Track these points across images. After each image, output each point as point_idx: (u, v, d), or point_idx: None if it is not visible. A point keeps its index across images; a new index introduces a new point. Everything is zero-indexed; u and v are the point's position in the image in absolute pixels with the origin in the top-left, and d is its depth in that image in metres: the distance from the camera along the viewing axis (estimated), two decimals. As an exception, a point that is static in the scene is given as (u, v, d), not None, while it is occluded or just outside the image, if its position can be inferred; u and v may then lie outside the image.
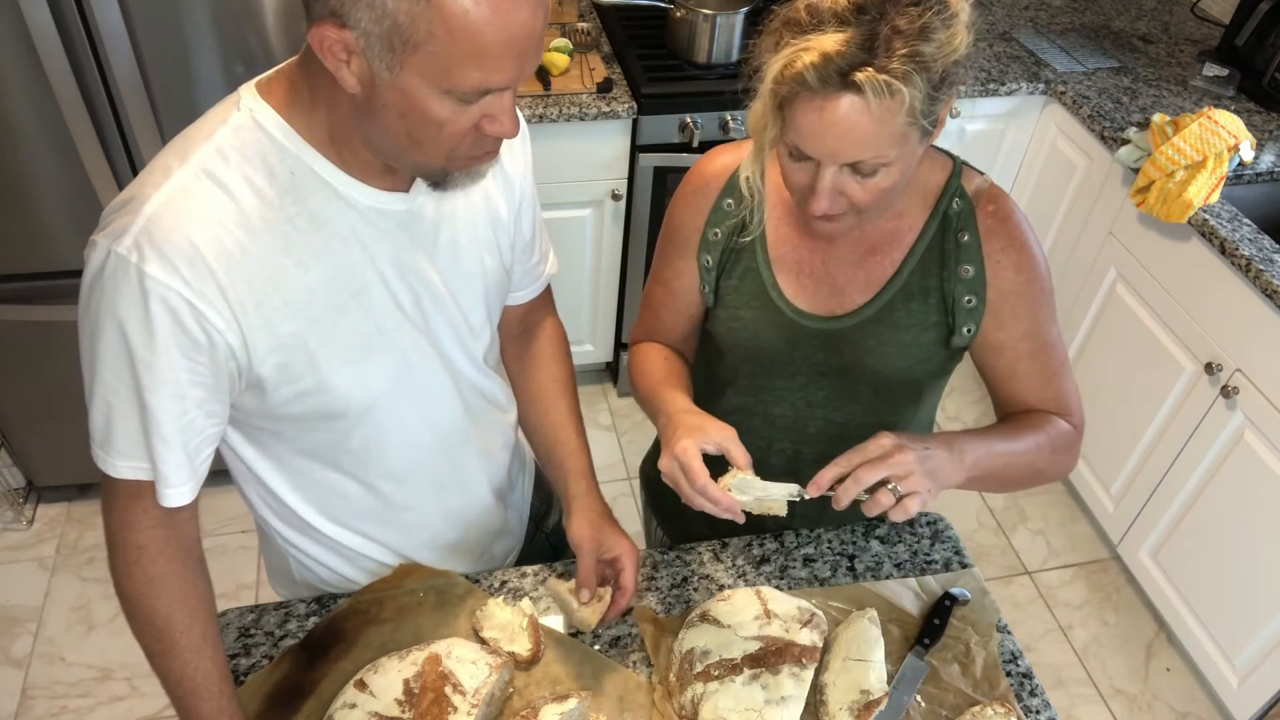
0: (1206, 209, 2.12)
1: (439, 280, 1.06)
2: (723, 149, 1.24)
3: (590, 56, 2.44)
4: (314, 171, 0.94)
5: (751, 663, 1.11)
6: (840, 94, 0.93)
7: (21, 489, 2.57)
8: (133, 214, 0.88)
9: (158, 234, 0.87)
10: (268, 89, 0.94)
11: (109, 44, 1.82)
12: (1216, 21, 2.88)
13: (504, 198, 1.12)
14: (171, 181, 0.89)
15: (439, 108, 0.84)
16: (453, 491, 1.24)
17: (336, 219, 0.96)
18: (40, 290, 2.15)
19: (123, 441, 0.95)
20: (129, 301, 0.88)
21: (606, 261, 2.66)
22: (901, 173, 1.02)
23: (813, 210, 1.04)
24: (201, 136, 0.92)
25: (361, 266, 0.99)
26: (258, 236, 0.92)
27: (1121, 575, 2.62)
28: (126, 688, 2.22)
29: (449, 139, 0.88)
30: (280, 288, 0.94)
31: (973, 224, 1.16)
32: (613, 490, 2.73)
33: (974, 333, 1.19)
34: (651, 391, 1.24)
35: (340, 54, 0.82)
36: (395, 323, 1.04)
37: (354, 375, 1.02)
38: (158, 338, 0.90)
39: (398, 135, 0.87)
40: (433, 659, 1.09)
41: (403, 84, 0.82)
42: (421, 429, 1.14)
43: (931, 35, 0.93)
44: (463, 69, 0.81)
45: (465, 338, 1.14)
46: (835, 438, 1.30)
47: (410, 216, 1.01)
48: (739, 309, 1.23)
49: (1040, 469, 1.20)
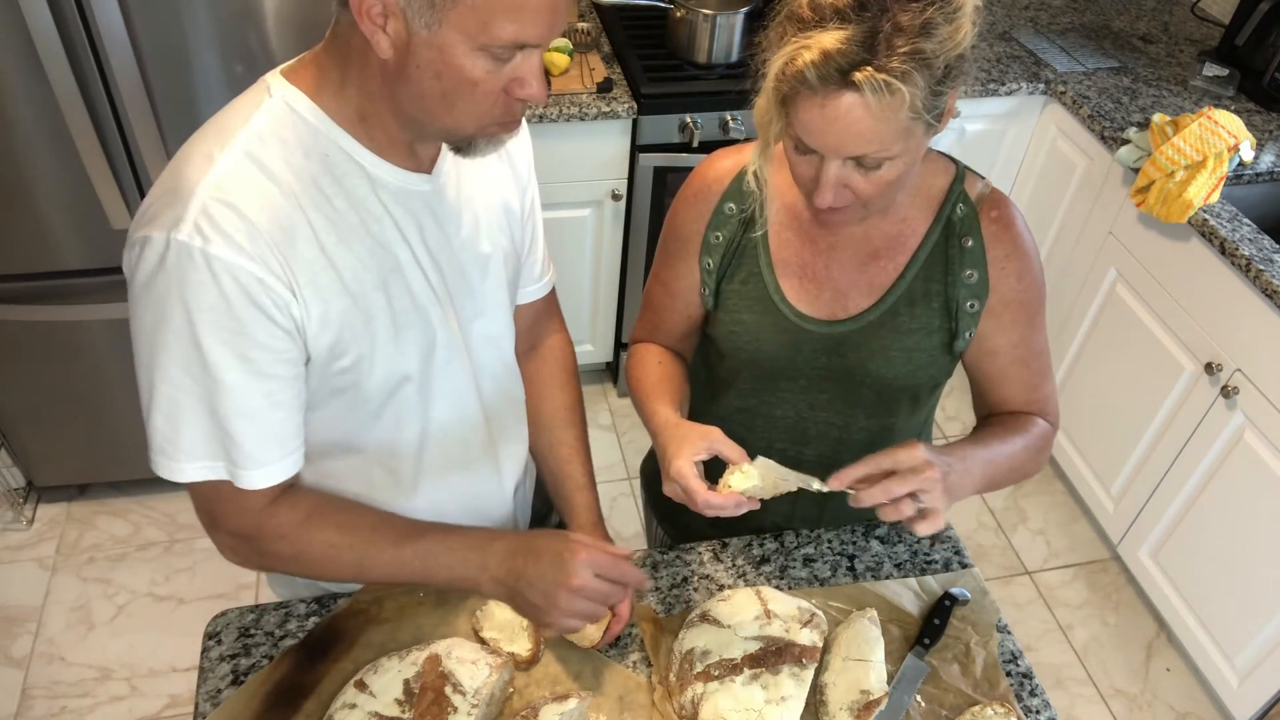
0: (1206, 209, 2.12)
1: (462, 260, 1.09)
2: (724, 153, 1.25)
3: (590, 56, 2.44)
4: (346, 153, 0.96)
5: (751, 663, 1.11)
6: (840, 92, 0.93)
7: (21, 489, 2.57)
8: (184, 201, 0.88)
9: (217, 215, 0.88)
10: (294, 75, 0.95)
11: (109, 44, 1.82)
12: (1216, 21, 2.88)
13: (514, 188, 1.16)
14: (217, 166, 0.90)
15: (473, 66, 0.86)
16: (469, 478, 1.25)
17: (370, 199, 0.98)
18: (40, 290, 2.15)
19: (191, 440, 0.95)
20: (198, 286, 0.88)
21: (606, 261, 2.66)
22: (907, 165, 1.02)
23: (817, 203, 1.04)
24: (237, 123, 0.93)
25: (396, 244, 1.01)
26: (305, 214, 0.93)
27: (1121, 575, 2.62)
28: (126, 688, 2.22)
29: (480, 100, 0.89)
30: (329, 265, 0.96)
31: (976, 229, 1.16)
32: (613, 490, 2.73)
33: (972, 337, 1.20)
34: (642, 400, 1.26)
35: (378, 17, 0.84)
36: (428, 300, 1.06)
37: (394, 352, 1.04)
38: (237, 315, 0.90)
39: (431, 98, 0.89)
40: (433, 659, 1.09)
41: (440, 41, 0.84)
42: (446, 410, 1.15)
43: (934, 31, 0.93)
44: (500, 22, 0.83)
45: (487, 320, 1.15)
46: (836, 440, 1.30)
47: (435, 197, 1.04)
48: (741, 313, 1.23)
49: (1026, 470, 1.24)
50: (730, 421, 1.33)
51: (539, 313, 1.32)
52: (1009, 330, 1.20)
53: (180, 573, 2.45)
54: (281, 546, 1.05)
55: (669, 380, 1.28)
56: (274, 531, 1.04)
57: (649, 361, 1.32)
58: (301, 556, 1.06)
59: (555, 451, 1.31)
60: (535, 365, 1.33)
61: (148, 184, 2.04)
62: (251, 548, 1.05)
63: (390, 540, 1.08)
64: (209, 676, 1.14)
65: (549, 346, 1.35)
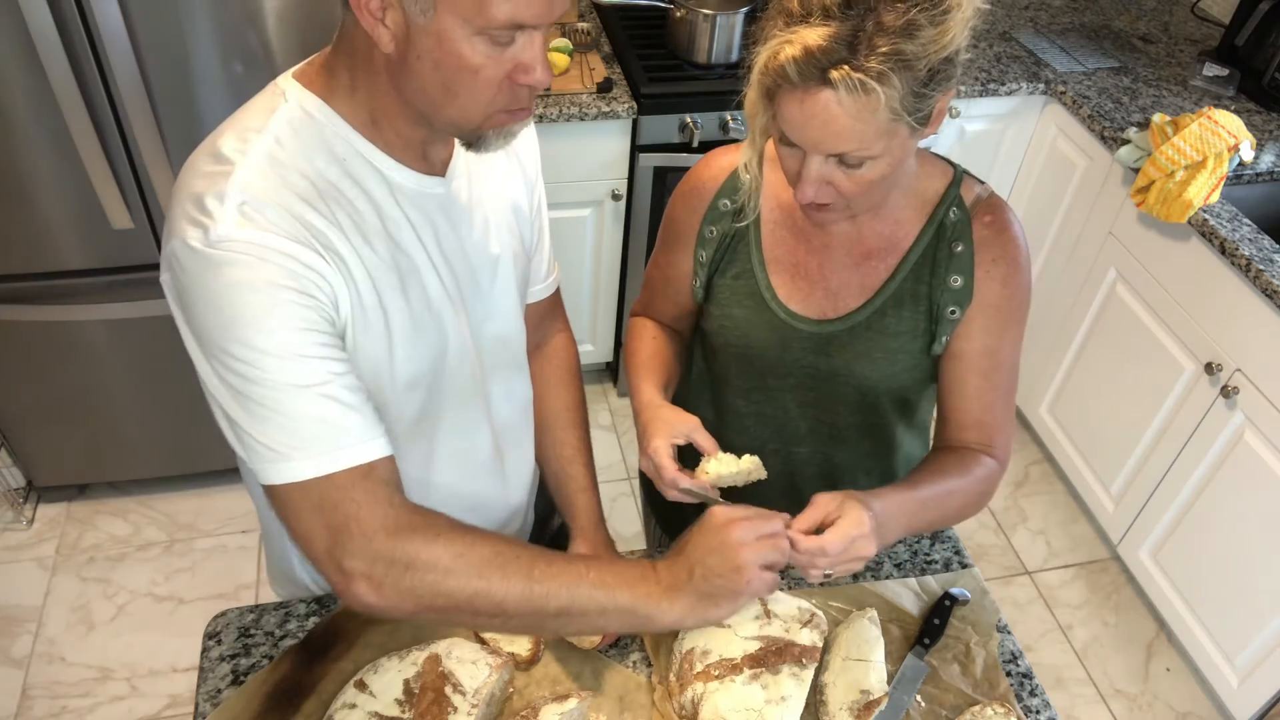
0: (1206, 209, 2.12)
1: (474, 262, 1.09)
2: (721, 151, 1.25)
3: (590, 56, 2.44)
4: (363, 157, 0.96)
5: (751, 663, 1.11)
6: (819, 89, 0.94)
7: (21, 489, 2.57)
8: (218, 201, 0.87)
9: (252, 212, 0.87)
10: (307, 79, 0.95)
11: (109, 44, 1.82)
12: (1216, 21, 2.88)
13: (523, 188, 1.16)
14: (242, 168, 0.89)
15: (472, 52, 0.85)
16: (476, 481, 1.24)
17: (388, 202, 0.98)
18: (40, 290, 2.15)
19: (293, 433, 0.89)
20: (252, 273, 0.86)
21: (606, 261, 2.66)
22: (890, 166, 1.02)
23: (799, 198, 1.05)
24: (254, 128, 0.92)
25: (413, 247, 1.01)
26: (332, 215, 0.93)
27: (1121, 575, 2.62)
28: (126, 688, 2.22)
29: (484, 88, 0.88)
30: (358, 264, 0.95)
31: (968, 235, 1.16)
32: (613, 490, 2.73)
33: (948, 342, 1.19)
34: (631, 375, 1.28)
35: (377, 10, 0.84)
36: (442, 303, 1.06)
37: (410, 354, 1.04)
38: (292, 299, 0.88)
39: (434, 88, 0.88)
40: (433, 659, 1.09)
41: (437, 28, 0.84)
42: (455, 413, 1.15)
43: (917, 33, 0.92)
44: (496, 2, 0.82)
45: (497, 322, 1.15)
46: (827, 438, 1.31)
47: (448, 200, 1.04)
48: (731, 307, 1.24)
49: (962, 513, 1.19)
50: (724, 420, 1.33)
51: (544, 312, 1.32)
52: (979, 336, 1.17)
53: (180, 573, 2.45)
54: (435, 552, 0.91)
55: (659, 358, 1.30)
56: (420, 530, 0.92)
57: (645, 337, 1.33)
58: (456, 568, 0.91)
59: (557, 452, 1.31)
60: (539, 364, 1.33)
61: (148, 184, 2.04)
62: (391, 559, 0.90)
63: (541, 575, 0.94)
64: (209, 676, 1.14)
65: (553, 346, 1.35)
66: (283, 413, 0.89)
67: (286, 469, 0.90)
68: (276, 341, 0.88)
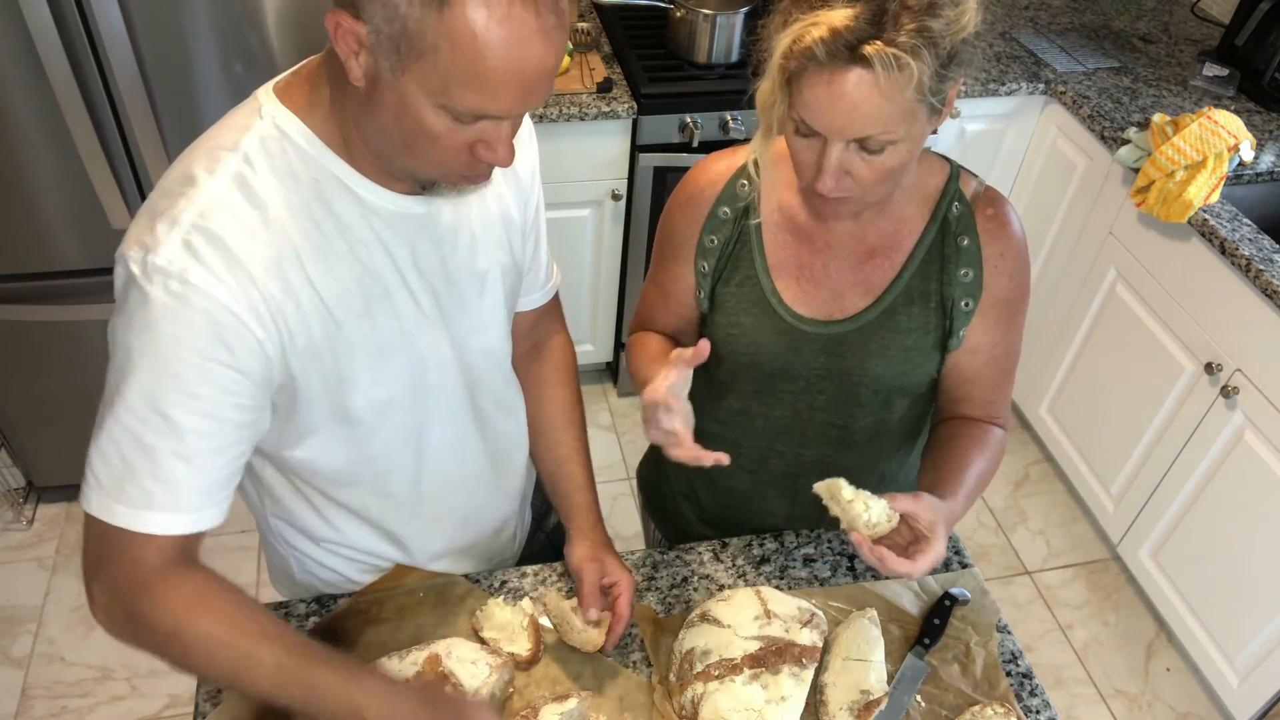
0: (1206, 209, 2.12)
1: (458, 280, 1.07)
2: (716, 156, 1.24)
3: (590, 56, 2.44)
4: (337, 177, 0.94)
5: (751, 663, 1.11)
6: (849, 68, 0.94)
7: (21, 489, 2.57)
8: (168, 226, 0.87)
9: (197, 243, 0.87)
10: (287, 93, 0.93)
11: (109, 44, 1.82)
12: (1216, 21, 2.88)
13: (516, 199, 1.13)
14: (204, 192, 0.88)
15: (433, 120, 0.84)
16: (469, 492, 1.24)
17: (359, 224, 0.96)
18: (40, 290, 2.15)
19: (111, 472, 0.91)
20: (165, 311, 0.86)
21: (606, 261, 2.66)
22: (909, 152, 1.02)
23: (819, 188, 1.04)
24: (226, 145, 0.91)
25: (385, 270, 0.99)
26: (290, 243, 0.91)
27: (1121, 575, 2.62)
28: (126, 688, 2.22)
29: (440, 153, 0.87)
30: (313, 293, 0.94)
31: (972, 228, 1.17)
32: (613, 490, 2.72)
33: (965, 335, 1.20)
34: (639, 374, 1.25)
35: (352, 44, 0.82)
36: (416, 325, 1.04)
37: (376, 379, 1.02)
38: (198, 348, 0.88)
39: (392, 136, 0.87)
40: (433, 659, 1.09)
41: (402, 88, 0.82)
42: (442, 430, 1.14)
43: (940, 12, 0.94)
44: (461, 89, 0.80)
45: (484, 335, 1.14)
46: (836, 439, 1.30)
47: (429, 219, 1.01)
48: (738, 315, 1.23)
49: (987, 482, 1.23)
50: (730, 423, 1.33)
51: (541, 315, 1.31)
52: (993, 329, 1.20)
53: (180, 573, 2.45)
54: (160, 616, 0.92)
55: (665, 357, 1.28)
56: (158, 597, 0.92)
57: (648, 344, 1.31)
58: (176, 636, 0.93)
59: (554, 452, 1.31)
60: (536, 366, 1.33)
61: (148, 184, 2.04)
62: (126, 609, 0.94)
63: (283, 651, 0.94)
64: (209, 676, 1.14)
65: (550, 348, 1.34)
66: (123, 458, 0.91)
67: (97, 502, 0.92)
68: (158, 394, 0.88)
